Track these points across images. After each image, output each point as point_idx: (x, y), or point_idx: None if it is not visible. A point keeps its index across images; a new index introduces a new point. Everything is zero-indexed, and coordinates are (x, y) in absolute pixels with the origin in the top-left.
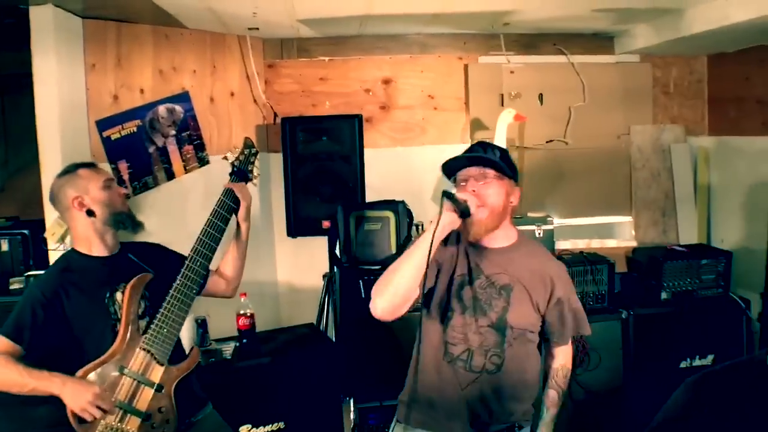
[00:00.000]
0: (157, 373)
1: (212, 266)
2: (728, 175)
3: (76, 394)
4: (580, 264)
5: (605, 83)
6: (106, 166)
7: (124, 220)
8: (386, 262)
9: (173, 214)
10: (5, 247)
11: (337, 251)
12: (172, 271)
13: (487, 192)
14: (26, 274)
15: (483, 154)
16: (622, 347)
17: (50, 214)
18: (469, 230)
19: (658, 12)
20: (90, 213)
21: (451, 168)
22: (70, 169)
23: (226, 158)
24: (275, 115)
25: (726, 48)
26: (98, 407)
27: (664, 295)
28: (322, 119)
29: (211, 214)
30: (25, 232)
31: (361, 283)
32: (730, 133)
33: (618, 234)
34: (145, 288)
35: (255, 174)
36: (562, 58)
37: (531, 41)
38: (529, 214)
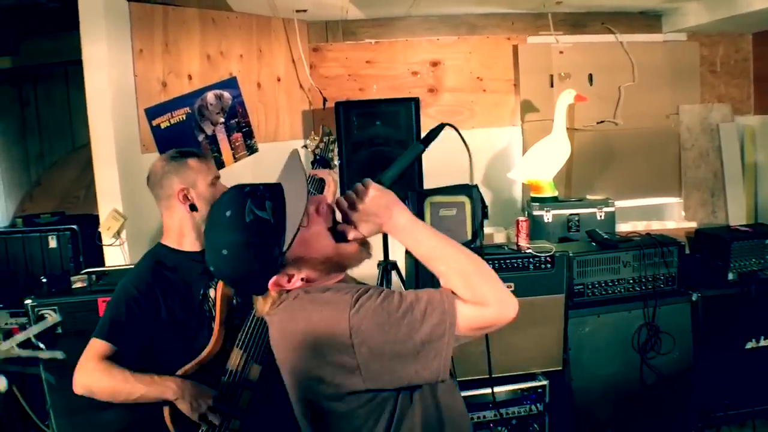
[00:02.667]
0: (255, 372)
1: None
2: None
3: (195, 399)
4: (651, 246)
5: (654, 62)
6: (156, 156)
7: None
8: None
9: None
10: (53, 243)
11: None
12: None
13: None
14: (85, 271)
15: None
16: (691, 330)
17: (104, 208)
18: None
19: None
20: (193, 208)
21: None
22: (178, 156)
23: (306, 147)
24: (324, 100)
25: None
26: (219, 413)
27: (731, 276)
28: (377, 103)
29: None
30: (74, 227)
31: None
32: None
33: (666, 215)
34: None
35: (335, 162)
36: (610, 37)
37: (579, 20)
38: (589, 197)
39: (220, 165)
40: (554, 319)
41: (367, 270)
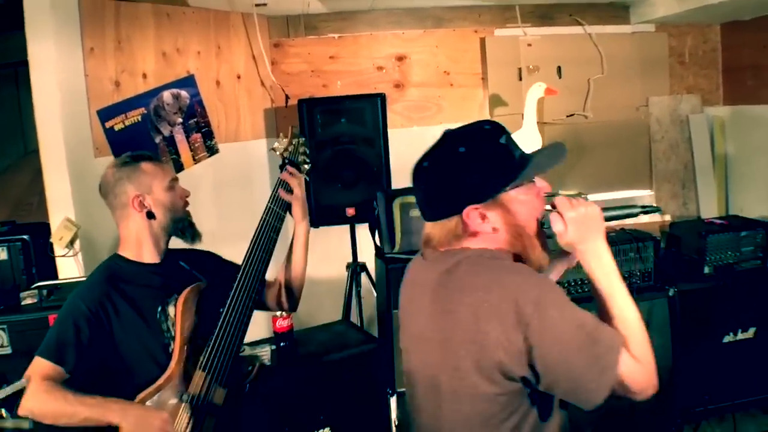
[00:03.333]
0: (219, 397)
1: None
2: (746, 145)
3: (142, 422)
4: (627, 242)
5: (622, 54)
6: (110, 160)
7: (185, 227)
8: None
9: None
10: (4, 255)
11: (377, 241)
12: (226, 280)
13: None
14: (35, 285)
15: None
16: (670, 325)
17: (56, 217)
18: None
19: None
20: (150, 215)
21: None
22: (130, 161)
23: (274, 150)
24: (287, 97)
25: (742, 16)
26: None
27: (706, 270)
28: (341, 99)
29: (264, 212)
30: (25, 237)
31: None
32: (746, 102)
33: None
34: (199, 300)
35: (306, 166)
36: (578, 29)
37: (546, 12)
38: (561, 192)
39: (179, 167)
40: None
41: (335, 271)
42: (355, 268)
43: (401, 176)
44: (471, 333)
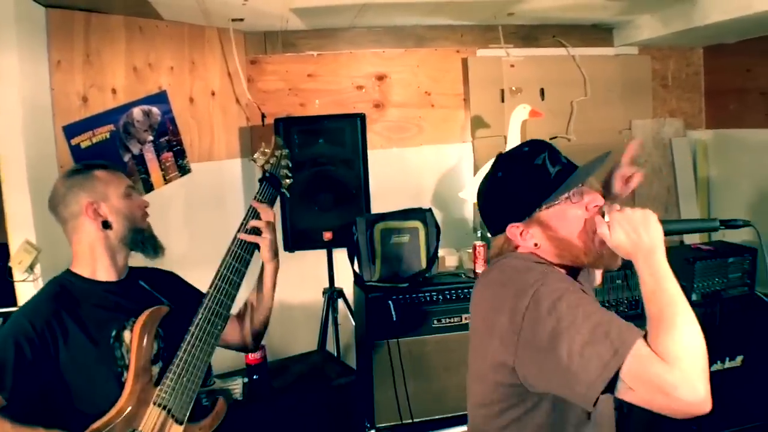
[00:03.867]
0: None
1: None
2: (728, 169)
3: None
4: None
5: (606, 76)
6: None
7: (144, 239)
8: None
9: (154, 231)
10: None
11: (356, 268)
12: (189, 306)
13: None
14: None
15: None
16: None
17: (15, 239)
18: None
19: (667, 1)
20: (106, 225)
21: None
22: (82, 169)
23: (254, 161)
24: (263, 115)
25: (726, 39)
26: None
27: (694, 297)
28: (319, 119)
29: (232, 242)
30: None
31: (391, 304)
32: (729, 125)
33: None
34: (159, 325)
35: (288, 180)
36: (561, 51)
37: (530, 33)
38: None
39: (149, 187)
40: None
41: (311, 296)
42: (332, 293)
43: (381, 199)
44: (487, 322)
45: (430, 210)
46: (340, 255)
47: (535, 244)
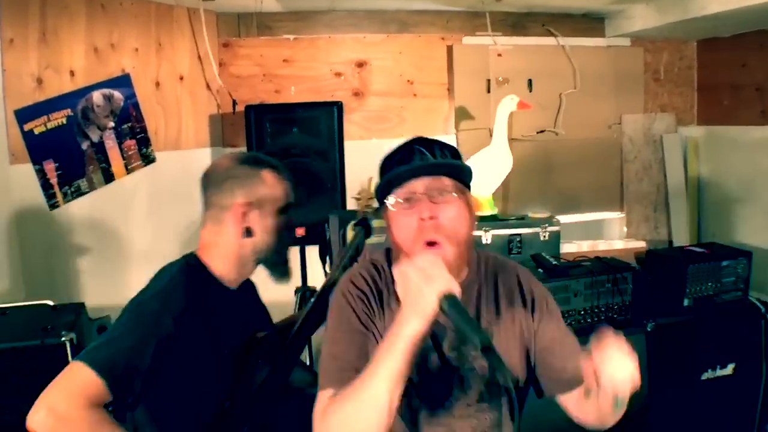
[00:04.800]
0: None
1: None
2: (720, 167)
3: None
4: (604, 272)
5: (596, 68)
6: (28, 168)
7: (281, 262)
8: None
9: (113, 226)
10: None
11: (327, 268)
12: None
13: (449, 217)
14: None
15: (441, 160)
16: (647, 363)
17: None
18: None
19: None
20: (249, 233)
21: (389, 183)
22: (253, 162)
23: (357, 198)
24: (234, 102)
25: (721, 33)
26: None
27: (686, 302)
28: (294, 107)
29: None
30: None
31: None
32: (722, 122)
33: (607, 231)
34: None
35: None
36: (551, 41)
37: (518, 21)
38: (531, 215)
39: (110, 178)
40: None
41: (282, 296)
42: (304, 293)
43: (352, 193)
44: None
45: None
46: (314, 252)
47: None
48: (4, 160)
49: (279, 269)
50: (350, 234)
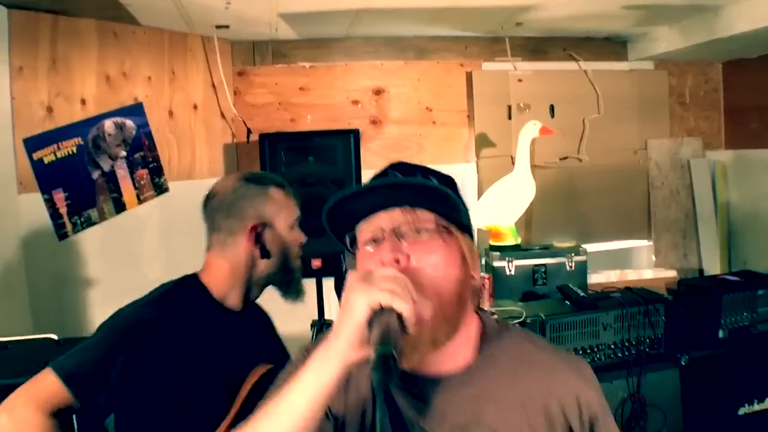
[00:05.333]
0: None
1: None
2: (749, 192)
3: None
4: (635, 304)
5: (620, 93)
6: (37, 197)
7: (293, 280)
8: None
9: (124, 257)
10: None
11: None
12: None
13: (428, 263)
14: None
15: (413, 179)
16: (681, 399)
17: None
18: (402, 353)
19: (689, 11)
20: (264, 254)
21: (346, 215)
22: (258, 181)
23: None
24: (249, 131)
25: (747, 54)
26: None
27: (721, 334)
28: (309, 135)
29: None
30: None
31: None
32: (750, 145)
33: (635, 260)
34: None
35: None
36: (572, 65)
37: (539, 45)
38: (556, 244)
39: (121, 208)
40: None
41: (299, 328)
42: (321, 326)
43: None
44: None
45: None
46: (331, 284)
47: None
48: (13, 189)
49: (292, 289)
50: None
